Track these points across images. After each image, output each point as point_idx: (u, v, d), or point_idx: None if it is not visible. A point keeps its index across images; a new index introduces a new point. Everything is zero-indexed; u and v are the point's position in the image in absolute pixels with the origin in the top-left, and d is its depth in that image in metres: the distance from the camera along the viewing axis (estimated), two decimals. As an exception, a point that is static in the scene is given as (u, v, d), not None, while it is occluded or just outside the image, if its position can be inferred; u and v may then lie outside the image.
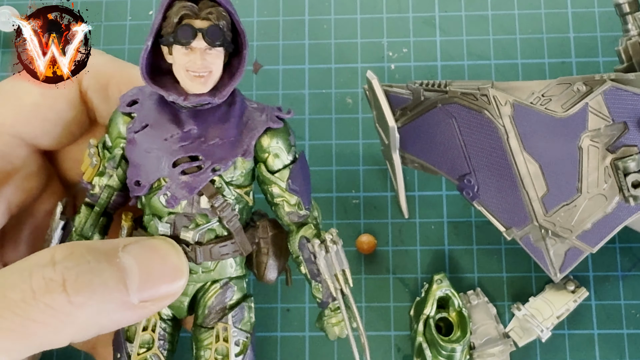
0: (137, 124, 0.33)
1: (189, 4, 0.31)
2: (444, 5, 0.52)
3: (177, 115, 0.32)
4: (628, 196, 0.36)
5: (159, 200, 0.33)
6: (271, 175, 0.34)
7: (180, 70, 0.31)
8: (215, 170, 0.32)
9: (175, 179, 0.32)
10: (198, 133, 0.32)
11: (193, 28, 0.30)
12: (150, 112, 0.33)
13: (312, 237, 0.34)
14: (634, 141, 0.36)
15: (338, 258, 0.34)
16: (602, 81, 0.36)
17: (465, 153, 0.39)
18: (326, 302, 0.35)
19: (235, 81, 0.32)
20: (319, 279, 0.34)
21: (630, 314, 0.45)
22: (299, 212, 0.34)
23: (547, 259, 0.38)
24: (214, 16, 0.31)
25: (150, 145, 0.32)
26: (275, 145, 0.34)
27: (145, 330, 0.34)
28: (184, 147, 0.32)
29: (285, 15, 0.52)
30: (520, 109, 0.36)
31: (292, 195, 0.34)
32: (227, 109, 0.33)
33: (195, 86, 0.31)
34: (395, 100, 0.41)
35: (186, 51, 0.30)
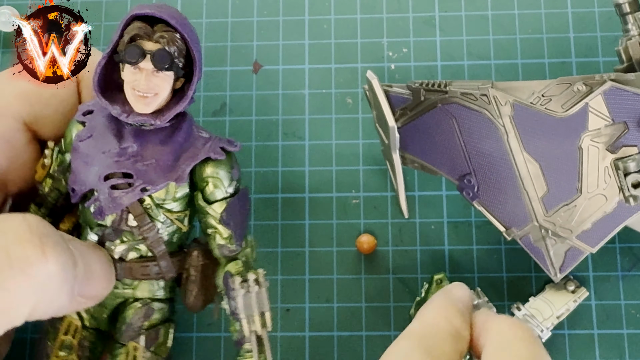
0: (84, 133, 0.34)
1: (144, 25, 0.31)
2: (444, 5, 0.51)
3: (120, 131, 0.33)
4: (628, 196, 0.36)
5: (89, 211, 0.33)
6: (206, 205, 0.34)
7: (128, 88, 0.32)
8: (145, 190, 0.33)
9: (104, 192, 0.32)
10: (135, 152, 0.33)
11: (141, 49, 0.31)
12: (99, 124, 0.34)
13: (236, 273, 0.34)
14: (634, 141, 0.36)
15: (259, 299, 0.34)
16: (602, 81, 0.36)
17: (465, 153, 0.39)
18: (241, 341, 0.34)
19: (179, 106, 0.32)
20: (237, 317, 0.34)
21: (630, 314, 0.45)
22: (229, 247, 0.34)
23: (547, 259, 0.38)
24: (165, 40, 0.31)
25: (89, 156, 0.33)
26: (215, 176, 0.34)
27: (66, 335, 0.34)
28: (118, 162, 0.33)
29: (285, 15, 0.52)
30: (520, 109, 0.36)
31: (225, 228, 0.34)
32: (170, 132, 0.33)
33: (139, 106, 0.32)
34: (395, 100, 0.41)
35: (134, 70, 0.31)
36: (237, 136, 0.49)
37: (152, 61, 0.31)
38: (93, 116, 0.34)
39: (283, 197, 0.48)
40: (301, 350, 0.45)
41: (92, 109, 0.34)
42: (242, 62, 0.51)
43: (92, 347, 0.35)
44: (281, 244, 0.47)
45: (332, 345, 0.45)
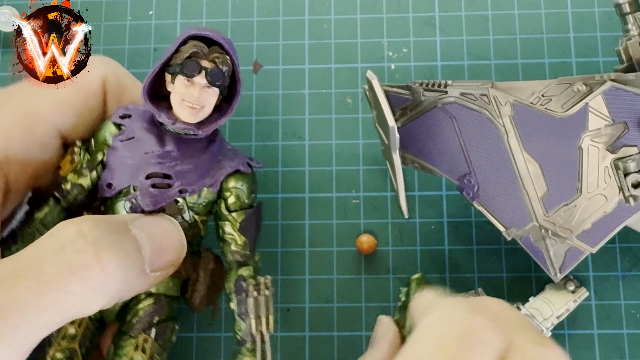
0: (125, 135, 0.36)
1: (202, 45, 0.35)
2: (444, 5, 0.52)
3: (161, 137, 0.36)
4: (628, 196, 0.36)
5: (123, 206, 0.36)
6: (228, 213, 0.37)
7: (177, 98, 0.35)
8: (182, 192, 0.36)
9: (145, 190, 0.35)
10: (176, 156, 0.36)
11: (200, 65, 0.34)
12: (139, 127, 0.36)
13: (248, 277, 0.37)
14: (634, 141, 0.36)
15: (267, 303, 0.36)
16: (602, 81, 0.36)
17: (465, 153, 0.39)
18: (244, 340, 0.37)
19: (222, 121, 0.36)
20: (244, 317, 0.36)
21: (630, 314, 0.45)
22: (243, 252, 0.37)
23: (547, 259, 0.38)
24: (220, 61, 0.35)
25: (131, 155, 0.36)
26: (239, 188, 0.37)
27: (71, 324, 0.36)
28: (160, 164, 0.36)
29: (285, 15, 0.52)
30: (520, 109, 0.36)
31: (241, 235, 0.37)
32: (206, 144, 0.37)
33: (187, 115, 0.35)
34: (395, 100, 0.41)
35: (187, 83, 0.34)
36: (237, 136, 0.49)
37: (207, 77, 0.34)
38: (131, 120, 0.37)
39: (283, 197, 0.48)
40: (301, 350, 0.45)
41: (129, 113, 0.37)
42: (242, 62, 0.50)
43: (91, 338, 0.37)
44: (281, 244, 0.47)
45: (332, 345, 0.45)
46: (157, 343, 0.36)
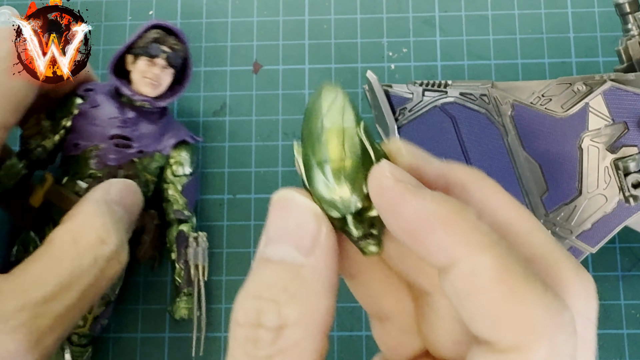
0: (90, 103, 0.43)
1: (163, 33, 0.43)
2: (444, 5, 0.51)
3: (122, 107, 0.43)
4: (628, 196, 0.36)
5: (87, 162, 0.42)
6: (173, 177, 0.44)
7: (138, 75, 0.42)
8: (140, 152, 0.43)
9: (109, 148, 0.42)
10: (134, 122, 0.43)
11: (161, 48, 0.42)
12: (102, 98, 0.43)
13: (188, 231, 0.44)
14: (634, 141, 0.36)
15: (203, 255, 0.44)
16: (602, 81, 0.36)
17: (465, 153, 0.39)
18: (183, 286, 0.44)
19: (174, 97, 0.44)
20: (183, 265, 0.43)
21: (630, 314, 0.45)
22: (184, 212, 0.44)
23: (547, 259, 0.38)
24: (177, 47, 0.43)
25: (97, 119, 0.42)
26: (183, 156, 0.45)
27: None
28: (122, 127, 0.42)
29: (285, 15, 0.52)
30: (520, 109, 0.36)
31: (182, 197, 0.44)
32: (158, 116, 0.44)
33: (147, 89, 0.42)
34: (395, 100, 0.41)
35: (149, 63, 0.42)
36: (237, 136, 0.49)
37: (167, 59, 0.42)
38: (94, 93, 0.43)
39: (283, 197, 0.48)
40: (301, 350, 0.45)
41: (92, 88, 0.43)
42: (242, 62, 0.51)
43: None
44: (281, 244, 0.47)
45: (332, 345, 0.45)
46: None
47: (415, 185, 0.20)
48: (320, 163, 0.21)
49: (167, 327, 0.46)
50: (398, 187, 0.20)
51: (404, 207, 0.19)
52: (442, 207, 0.19)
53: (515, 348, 0.18)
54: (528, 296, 0.18)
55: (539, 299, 0.18)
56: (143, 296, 0.47)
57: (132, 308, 0.47)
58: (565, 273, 0.20)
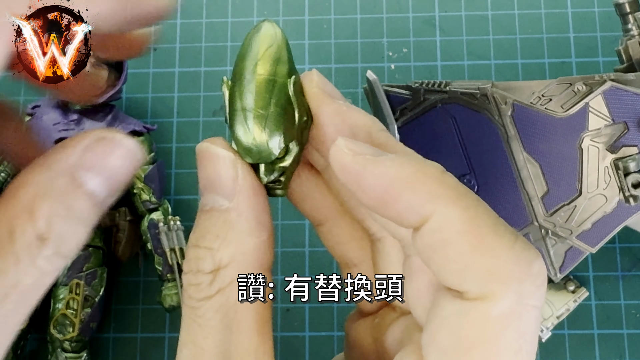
0: (36, 117, 0.45)
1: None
2: (444, 5, 0.51)
3: (65, 112, 0.44)
4: (628, 196, 0.36)
5: None
6: None
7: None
8: None
9: None
10: (78, 122, 0.44)
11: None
12: (46, 110, 0.45)
13: (158, 218, 0.44)
14: (634, 141, 0.36)
15: (178, 238, 0.44)
16: (602, 81, 0.36)
17: (465, 153, 0.39)
18: (164, 273, 0.44)
19: (111, 92, 0.44)
20: (160, 253, 0.44)
21: (630, 314, 0.45)
22: (152, 201, 0.45)
23: (547, 259, 0.38)
24: None
25: (42, 129, 0.43)
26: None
27: None
28: (66, 130, 0.44)
29: (285, 15, 0.52)
30: (520, 109, 0.36)
31: (146, 186, 0.45)
32: (105, 114, 0.45)
33: None
34: (395, 100, 0.41)
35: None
36: (237, 136, 0.49)
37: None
38: (40, 108, 0.45)
39: (283, 197, 0.48)
40: (301, 350, 0.45)
41: (39, 104, 0.45)
42: (242, 62, 0.51)
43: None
44: (281, 244, 0.47)
45: (332, 345, 0.45)
46: (89, 287, 0.43)
47: (374, 154, 0.20)
48: (245, 109, 0.22)
49: (167, 327, 0.46)
50: (357, 160, 0.20)
51: (368, 179, 0.20)
52: (404, 169, 0.19)
53: (482, 296, 0.18)
54: (496, 246, 0.18)
55: (508, 249, 0.18)
56: (143, 296, 0.47)
57: (132, 308, 0.47)
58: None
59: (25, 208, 0.20)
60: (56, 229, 0.20)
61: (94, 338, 0.45)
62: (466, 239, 0.18)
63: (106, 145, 0.21)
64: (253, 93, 0.22)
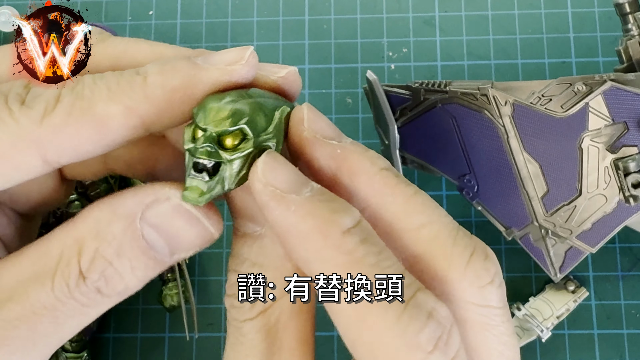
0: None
1: None
2: (444, 5, 0.51)
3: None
4: (628, 196, 0.36)
5: None
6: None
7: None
8: None
9: None
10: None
11: None
12: None
13: None
14: (634, 141, 0.36)
15: None
16: (602, 81, 0.36)
17: (465, 153, 0.39)
18: (165, 274, 0.44)
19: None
20: None
21: (630, 314, 0.45)
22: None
23: (547, 259, 0.38)
24: None
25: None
26: None
27: None
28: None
29: (285, 15, 0.52)
30: (520, 109, 0.36)
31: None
32: None
33: None
34: (395, 100, 0.41)
35: None
36: (237, 136, 0.49)
37: None
38: None
39: (283, 197, 0.48)
40: (301, 350, 0.45)
41: None
42: (242, 62, 0.51)
43: None
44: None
45: (332, 345, 0.45)
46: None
47: (286, 190, 0.19)
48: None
49: (167, 327, 0.46)
50: (265, 193, 0.19)
51: (269, 214, 0.19)
52: (305, 221, 0.19)
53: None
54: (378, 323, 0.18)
55: (392, 325, 0.18)
56: (143, 296, 0.47)
57: (132, 308, 0.47)
58: (453, 266, 0.20)
59: (78, 241, 0.20)
60: (99, 270, 0.20)
61: (94, 338, 0.45)
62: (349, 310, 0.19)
63: (178, 212, 0.20)
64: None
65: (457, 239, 0.20)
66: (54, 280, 0.20)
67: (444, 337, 0.18)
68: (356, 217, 0.19)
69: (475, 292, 0.20)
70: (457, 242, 0.20)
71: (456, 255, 0.20)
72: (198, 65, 0.21)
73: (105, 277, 0.20)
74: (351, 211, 0.19)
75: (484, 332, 0.20)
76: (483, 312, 0.20)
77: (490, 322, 0.20)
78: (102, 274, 0.20)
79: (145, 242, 0.20)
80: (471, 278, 0.20)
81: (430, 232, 0.20)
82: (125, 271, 0.20)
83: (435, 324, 0.18)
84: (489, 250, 0.21)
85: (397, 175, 0.21)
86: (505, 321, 0.20)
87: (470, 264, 0.20)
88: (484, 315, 0.20)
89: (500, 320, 0.20)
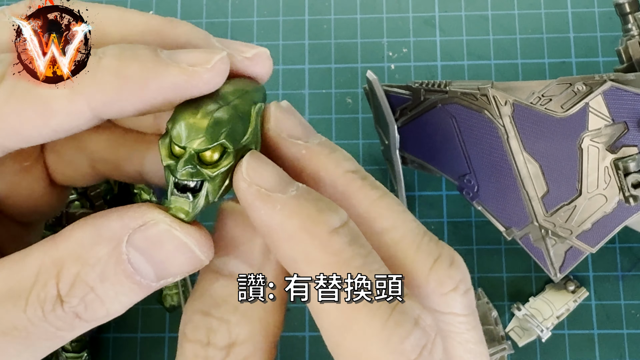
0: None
1: None
2: (444, 5, 0.51)
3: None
4: (628, 196, 0.36)
5: None
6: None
7: None
8: None
9: None
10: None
11: None
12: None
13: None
14: (634, 141, 0.36)
15: None
16: (602, 81, 0.36)
17: (465, 153, 0.39)
18: None
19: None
20: None
21: (630, 314, 0.45)
22: (152, 201, 0.44)
23: (547, 259, 0.38)
24: None
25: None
26: None
27: None
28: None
29: (285, 15, 0.52)
30: (520, 109, 0.36)
31: (147, 187, 0.45)
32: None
33: None
34: (395, 100, 0.41)
35: None
36: (237, 136, 0.49)
37: None
38: None
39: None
40: (301, 350, 0.45)
41: None
42: (242, 62, 0.51)
43: None
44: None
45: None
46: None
47: (271, 189, 0.18)
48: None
49: (167, 327, 0.46)
50: (250, 192, 0.19)
51: (254, 214, 0.19)
52: (291, 220, 0.18)
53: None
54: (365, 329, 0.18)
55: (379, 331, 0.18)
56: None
57: (132, 308, 0.46)
58: (415, 272, 0.20)
59: (57, 262, 0.19)
60: (80, 294, 0.19)
61: (94, 338, 0.45)
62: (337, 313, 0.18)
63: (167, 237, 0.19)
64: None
65: (421, 244, 0.20)
66: (28, 301, 0.19)
67: (428, 346, 0.18)
68: (343, 217, 0.19)
69: (438, 299, 0.20)
70: (421, 248, 0.20)
71: (419, 261, 0.20)
72: (160, 58, 0.19)
73: (86, 302, 0.19)
74: (338, 211, 0.19)
75: (448, 339, 0.20)
76: (446, 320, 0.20)
77: (454, 330, 0.20)
78: (82, 300, 0.19)
79: (131, 266, 0.19)
80: (433, 285, 0.20)
81: (394, 237, 0.20)
82: (107, 297, 0.19)
83: (420, 332, 0.18)
84: (457, 257, 0.21)
85: (363, 177, 0.21)
86: (470, 329, 0.20)
87: (433, 271, 0.20)
88: (447, 322, 0.20)
89: (465, 327, 0.20)
